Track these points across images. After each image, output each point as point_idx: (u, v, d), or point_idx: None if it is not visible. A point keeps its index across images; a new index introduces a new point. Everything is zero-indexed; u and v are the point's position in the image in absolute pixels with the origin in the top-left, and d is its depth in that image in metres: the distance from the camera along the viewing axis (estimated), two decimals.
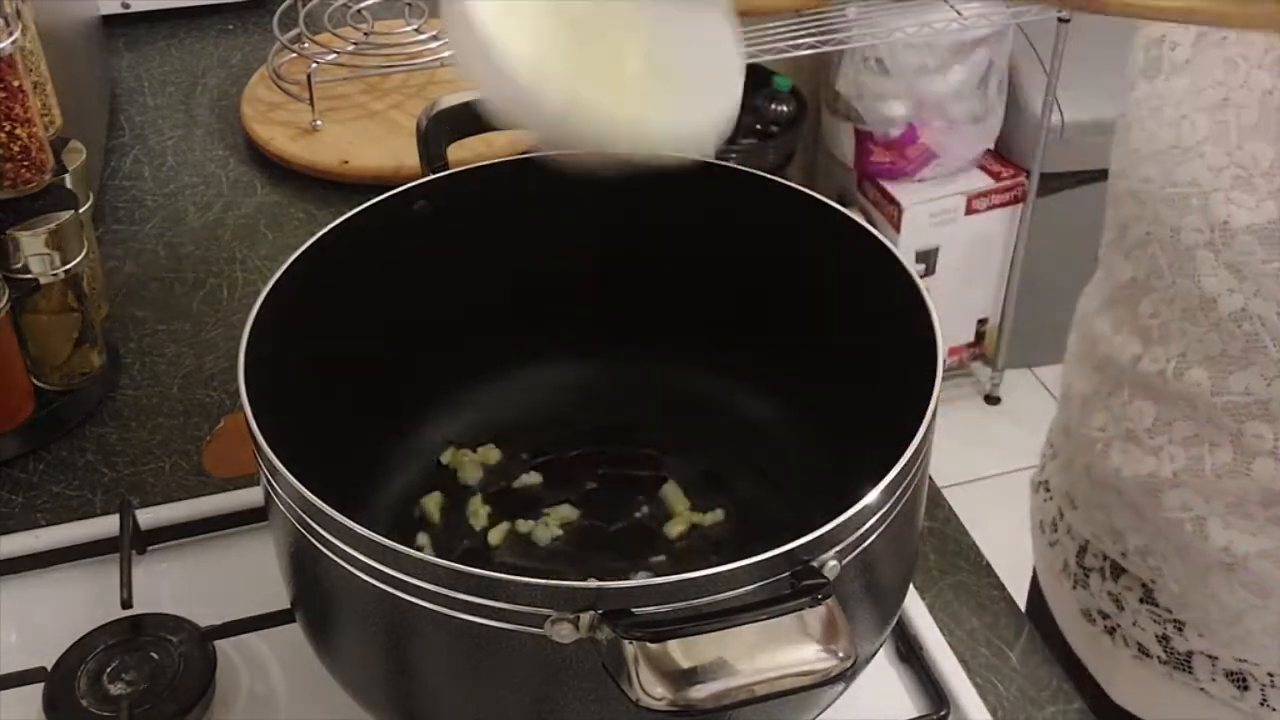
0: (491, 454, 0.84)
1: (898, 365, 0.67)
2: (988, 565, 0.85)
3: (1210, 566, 0.78)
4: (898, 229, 2.29)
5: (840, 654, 0.52)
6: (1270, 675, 0.79)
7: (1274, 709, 0.80)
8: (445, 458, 0.83)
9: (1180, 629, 0.82)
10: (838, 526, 0.56)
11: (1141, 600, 0.84)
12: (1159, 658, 0.83)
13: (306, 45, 1.27)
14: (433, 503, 0.80)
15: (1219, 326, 0.72)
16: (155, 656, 0.74)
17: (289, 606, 0.69)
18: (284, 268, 0.70)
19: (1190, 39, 0.73)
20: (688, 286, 0.81)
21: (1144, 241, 0.75)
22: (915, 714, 0.74)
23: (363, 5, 1.32)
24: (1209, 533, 0.77)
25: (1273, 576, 0.76)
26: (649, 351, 0.84)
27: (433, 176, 0.78)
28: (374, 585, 0.57)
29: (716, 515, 0.80)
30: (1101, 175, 0.82)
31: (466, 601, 0.55)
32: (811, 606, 0.53)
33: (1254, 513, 0.75)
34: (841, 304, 0.75)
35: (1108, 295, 0.82)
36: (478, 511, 0.80)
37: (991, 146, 2.36)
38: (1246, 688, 0.80)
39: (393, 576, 0.56)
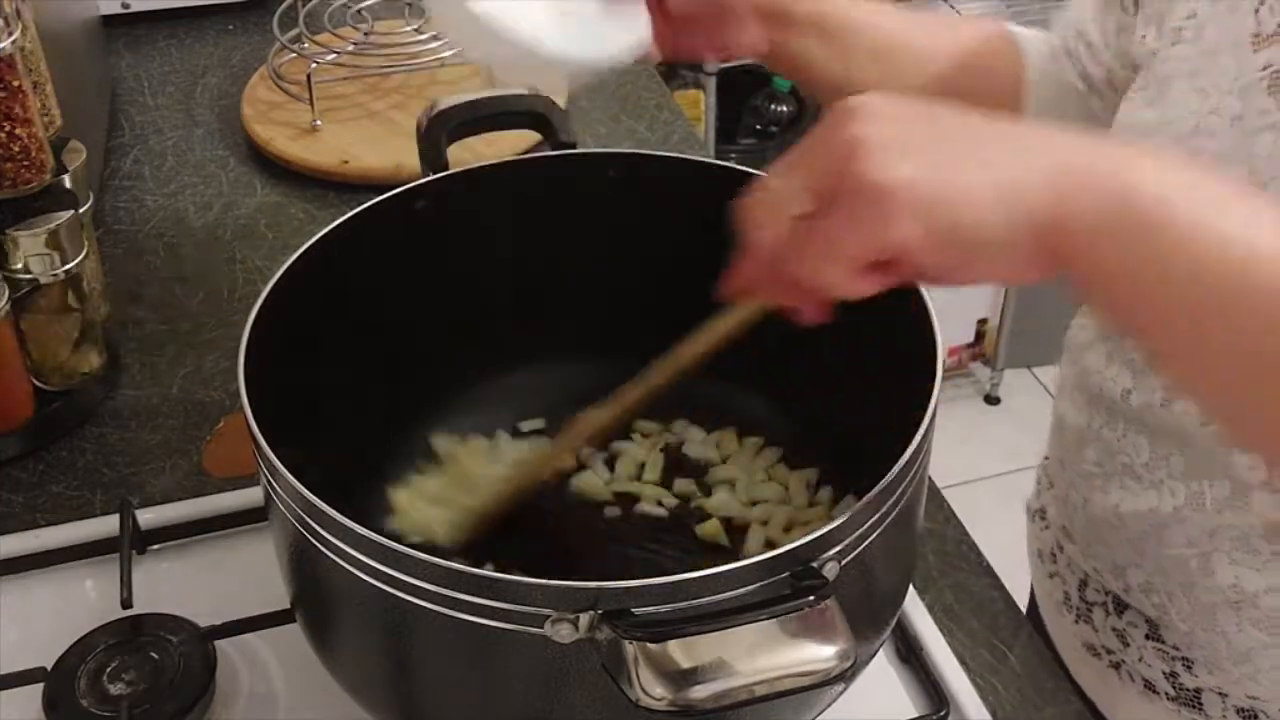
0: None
1: (898, 365, 0.67)
2: (987, 566, 0.85)
3: (1217, 604, 0.76)
4: None
5: (840, 654, 0.52)
6: None
7: None
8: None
9: (1189, 666, 0.80)
10: (838, 527, 0.56)
11: (1148, 637, 0.82)
12: (1167, 694, 0.82)
13: (306, 45, 1.27)
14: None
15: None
16: (155, 656, 0.74)
17: (289, 606, 0.69)
18: (284, 268, 0.70)
19: (1160, 74, 0.73)
20: (688, 287, 0.81)
21: None
22: (915, 714, 0.74)
23: (363, 5, 1.32)
24: (1214, 569, 0.75)
25: None
26: (649, 351, 0.84)
27: (433, 176, 0.78)
28: (374, 585, 0.57)
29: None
30: None
31: (466, 601, 0.55)
32: (811, 607, 0.53)
33: (1259, 547, 0.73)
34: (841, 304, 0.75)
35: (1099, 328, 0.81)
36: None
37: None
38: None
39: (393, 576, 0.56)
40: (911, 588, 0.76)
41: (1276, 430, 0.55)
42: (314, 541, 0.59)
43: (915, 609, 0.79)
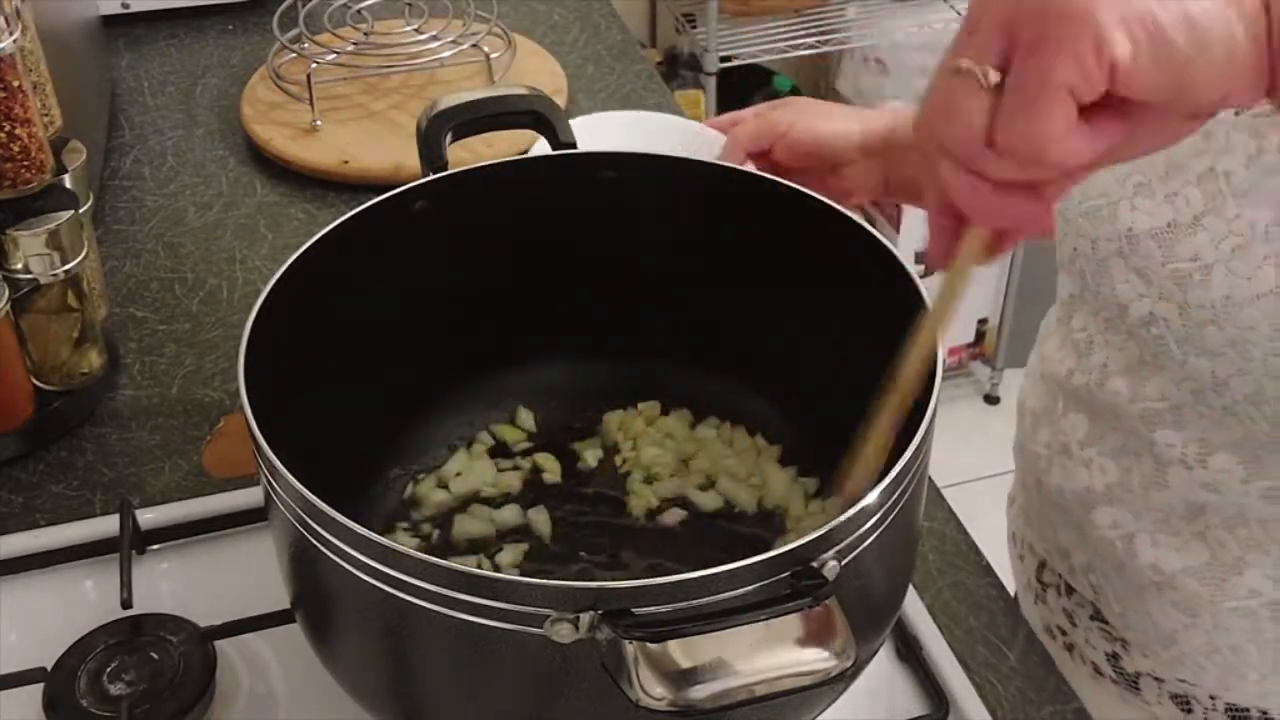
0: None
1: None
2: (987, 565, 0.85)
3: (1143, 586, 0.78)
4: (898, 229, 2.30)
5: (840, 654, 0.52)
6: (1212, 698, 0.79)
7: None
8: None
9: (1126, 648, 0.82)
10: (838, 526, 0.56)
11: (1092, 617, 0.84)
12: (1110, 677, 0.84)
13: (306, 45, 1.27)
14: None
15: (1133, 334, 0.73)
16: (155, 656, 0.74)
17: (289, 606, 0.69)
18: (284, 268, 0.70)
19: None
20: (688, 286, 0.81)
21: (1073, 257, 0.77)
22: (915, 714, 0.74)
23: (363, 5, 1.32)
24: (1138, 550, 0.77)
25: (1199, 595, 0.76)
26: (648, 351, 0.84)
27: (433, 176, 0.78)
28: (374, 585, 0.57)
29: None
30: None
31: (466, 601, 0.55)
32: (811, 606, 0.53)
33: (1179, 528, 0.75)
34: (841, 304, 0.75)
35: (1058, 315, 0.83)
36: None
37: None
38: (1190, 710, 0.81)
39: (393, 576, 0.56)
40: (911, 587, 0.76)
41: None
42: (314, 541, 0.59)
43: (915, 608, 0.79)
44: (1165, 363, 0.72)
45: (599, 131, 0.96)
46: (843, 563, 0.56)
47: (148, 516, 0.84)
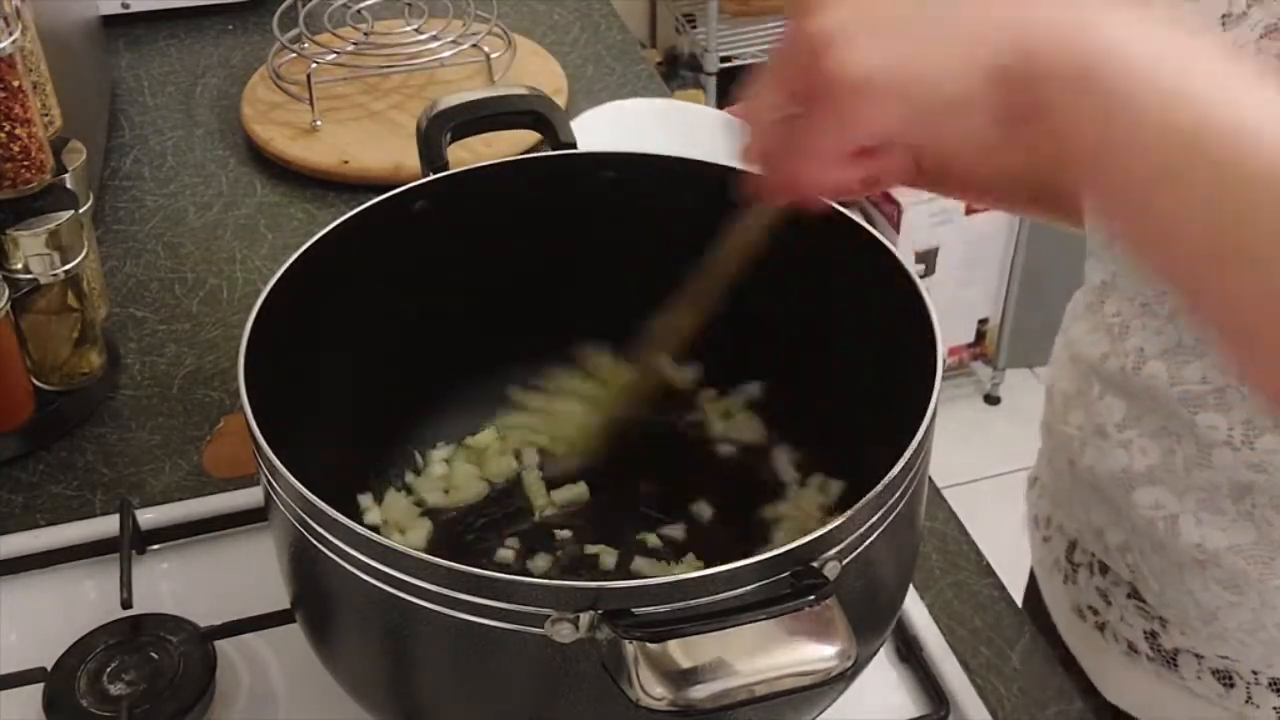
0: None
1: (898, 365, 0.67)
2: (988, 565, 0.85)
3: (1185, 564, 0.78)
4: (898, 229, 2.30)
5: (840, 654, 0.52)
6: (1254, 673, 0.79)
7: (1258, 706, 0.80)
8: None
9: (1165, 626, 0.82)
10: (838, 526, 0.56)
11: (1129, 596, 0.84)
12: (1147, 655, 0.84)
13: (306, 45, 1.27)
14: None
15: (1173, 318, 0.73)
16: (155, 656, 0.74)
17: (289, 606, 0.69)
18: (284, 268, 0.70)
19: None
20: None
21: (1108, 243, 0.77)
22: (915, 714, 0.74)
23: (363, 5, 1.32)
24: (1181, 530, 0.77)
25: (1245, 573, 0.76)
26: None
27: (433, 176, 0.78)
28: (374, 585, 0.57)
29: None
30: None
31: (466, 601, 0.55)
32: (812, 606, 0.53)
33: (1225, 507, 0.75)
34: (842, 304, 0.75)
35: (1088, 300, 0.83)
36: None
37: None
38: (1232, 685, 0.80)
39: (393, 576, 0.56)
40: (912, 587, 0.76)
41: (1245, 319, 0.53)
42: (314, 541, 0.59)
43: (915, 609, 0.79)
44: (1206, 348, 0.72)
45: (630, 120, 0.93)
46: (843, 563, 0.56)
47: (148, 516, 0.84)
